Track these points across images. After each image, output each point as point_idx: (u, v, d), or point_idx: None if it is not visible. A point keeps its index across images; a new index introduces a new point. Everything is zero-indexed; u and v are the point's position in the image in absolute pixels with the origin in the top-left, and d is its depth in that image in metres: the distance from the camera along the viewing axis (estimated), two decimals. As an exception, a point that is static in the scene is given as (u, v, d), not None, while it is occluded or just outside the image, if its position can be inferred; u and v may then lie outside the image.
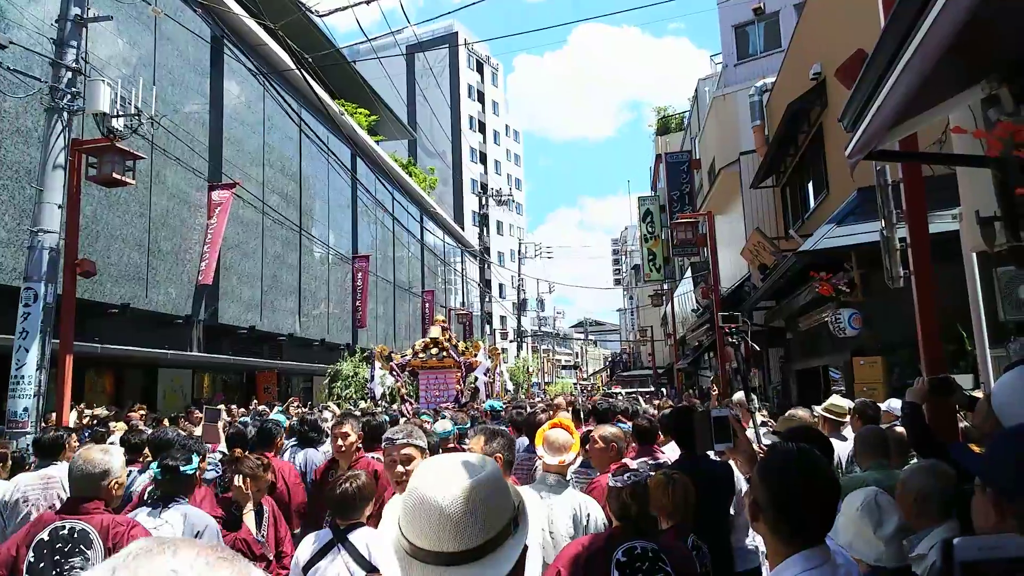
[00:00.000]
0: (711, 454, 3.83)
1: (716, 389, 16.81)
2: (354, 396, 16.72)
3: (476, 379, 14.14)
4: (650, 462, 4.42)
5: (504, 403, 10.47)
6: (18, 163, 11.68)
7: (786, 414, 4.53)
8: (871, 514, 2.80)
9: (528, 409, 7.78)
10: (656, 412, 7.76)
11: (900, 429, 4.32)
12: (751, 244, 12.69)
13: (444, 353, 14.25)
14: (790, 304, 11.23)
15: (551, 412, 5.82)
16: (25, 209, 11.14)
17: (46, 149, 7.86)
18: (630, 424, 5.51)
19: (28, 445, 7.14)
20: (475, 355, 14.26)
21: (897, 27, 2.51)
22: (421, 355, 14.43)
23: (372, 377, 14.42)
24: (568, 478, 3.82)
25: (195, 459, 3.68)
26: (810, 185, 12.95)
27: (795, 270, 9.29)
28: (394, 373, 14.33)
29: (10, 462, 5.02)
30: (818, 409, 5.04)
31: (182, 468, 3.50)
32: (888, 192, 5.18)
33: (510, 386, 17.59)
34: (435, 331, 14.84)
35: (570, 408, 9.37)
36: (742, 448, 2.34)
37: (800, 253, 8.81)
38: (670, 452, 5.00)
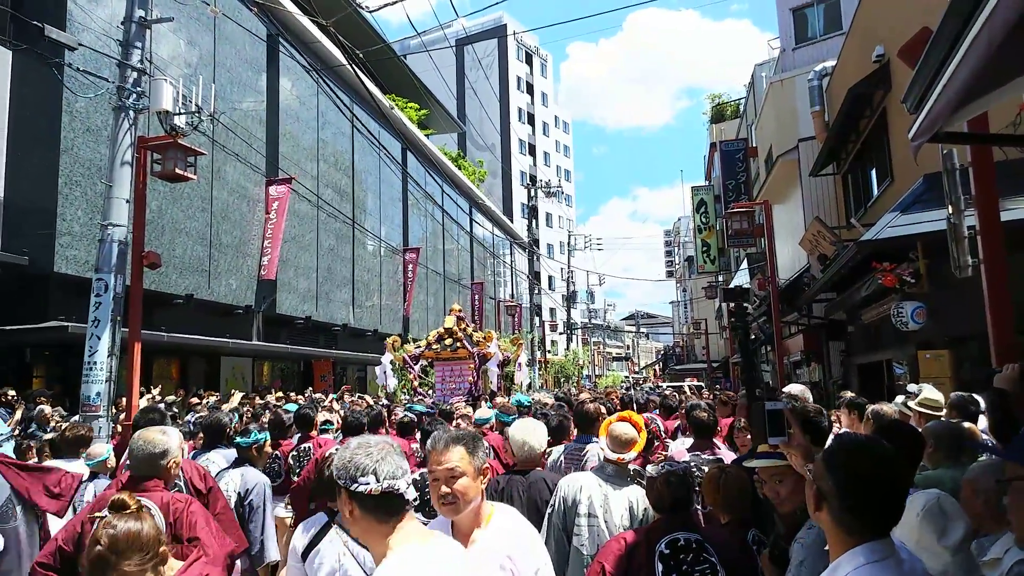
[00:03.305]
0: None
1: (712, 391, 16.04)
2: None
3: (487, 370, 13.02)
4: (705, 456, 4.36)
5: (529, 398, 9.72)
6: (90, 160, 12.18)
7: (869, 410, 4.32)
8: (934, 521, 2.60)
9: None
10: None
11: (968, 424, 4.13)
12: (810, 233, 12.34)
13: (459, 344, 13.25)
14: (851, 296, 10.89)
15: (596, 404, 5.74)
16: (96, 204, 11.61)
17: (114, 146, 8.15)
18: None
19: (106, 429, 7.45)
20: (488, 346, 13.17)
21: (963, 0, 2.40)
22: (435, 346, 13.45)
23: (385, 372, 13.44)
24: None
25: (254, 435, 4.58)
26: (873, 172, 12.53)
27: (857, 260, 8.99)
28: (407, 365, 13.49)
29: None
30: (912, 403, 4.82)
31: (239, 440, 4.49)
32: (956, 177, 4.98)
33: (526, 380, 15.53)
34: (450, 321, 13.66)
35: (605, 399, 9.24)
36: (796, 442, 2.27)
37: (862, 242, 8.51)
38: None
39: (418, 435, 6.12)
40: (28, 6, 11.29)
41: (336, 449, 3.67)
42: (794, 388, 6.62)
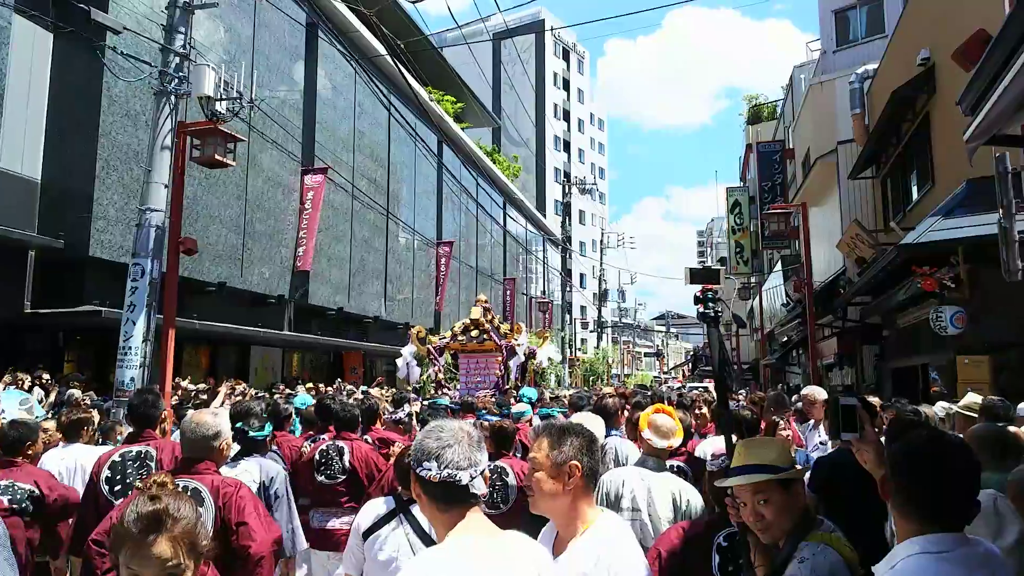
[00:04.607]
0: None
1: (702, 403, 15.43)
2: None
3: (511, 365, 12.75)
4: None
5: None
6: (127, 145, 12.33)
7: (909, 408, 4.24)
8: (988, 521, 2.56)
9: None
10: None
11: (1014, 428, 4.05)
12: (848, 236, 12.14)
13: (485, 336, 12.98)
14: (888, 299, 10.71)
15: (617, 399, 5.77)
16: (132, 189, 11.76)
17: (154, 131, 8.23)
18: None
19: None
20: (516, 338, 12.93)
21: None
22: (460, 337, 13.19)
23: (408, 363, 13.20)
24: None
25: (268, 427, 4.50)
26: (913, 176, 12.28)
27: (896, 264, 8.85)
28: (431, 357, 13.21)
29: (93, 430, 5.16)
30: (954, 407, 4.73)
31: (251, 433, 4.30)
32: (1008, 180, 4.82)
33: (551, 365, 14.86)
34: (476, 311, 13.33)
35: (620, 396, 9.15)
36: (870, 440, 2.15)
37: (904, 245, 8.35)
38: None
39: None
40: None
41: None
42: (807, 390, 6.61)
